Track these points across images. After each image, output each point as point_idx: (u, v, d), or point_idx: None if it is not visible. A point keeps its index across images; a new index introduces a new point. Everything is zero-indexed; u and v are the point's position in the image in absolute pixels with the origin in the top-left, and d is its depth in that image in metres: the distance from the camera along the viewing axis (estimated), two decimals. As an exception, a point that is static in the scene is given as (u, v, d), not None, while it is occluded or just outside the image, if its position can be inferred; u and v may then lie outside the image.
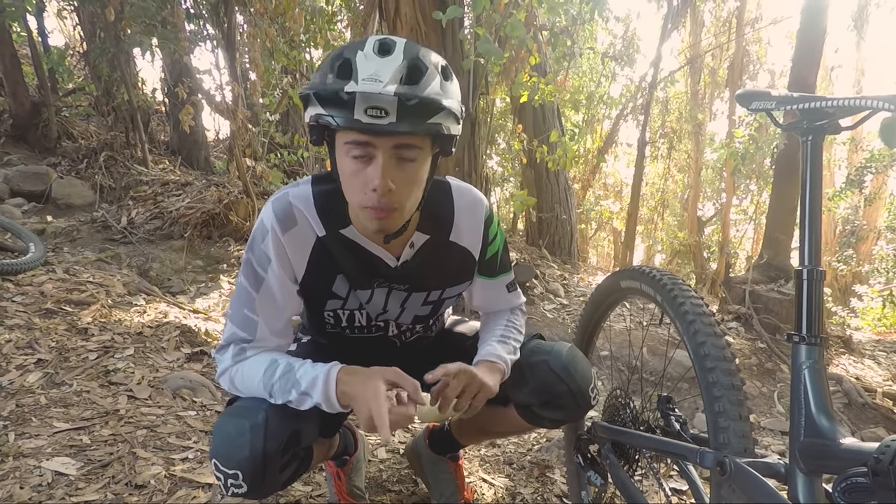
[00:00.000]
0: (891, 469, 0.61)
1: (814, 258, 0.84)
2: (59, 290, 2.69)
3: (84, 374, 1.99)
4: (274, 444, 0.94)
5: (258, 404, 0.98)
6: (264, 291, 1.00)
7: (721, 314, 3.90)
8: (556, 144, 4.74)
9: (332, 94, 0.80)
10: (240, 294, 1.00)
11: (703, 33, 10.47)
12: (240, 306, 1.00)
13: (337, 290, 1.06)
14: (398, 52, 0.83)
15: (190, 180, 5.02)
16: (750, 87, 0.90)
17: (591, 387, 1.17)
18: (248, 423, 0.94)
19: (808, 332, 0.83)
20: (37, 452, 1.49)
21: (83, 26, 5.48)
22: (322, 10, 5.13)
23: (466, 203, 1.08)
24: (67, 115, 5.70)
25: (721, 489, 0.92)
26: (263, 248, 0.98)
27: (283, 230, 0.97)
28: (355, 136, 0.84)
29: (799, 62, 3.94)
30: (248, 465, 0.92)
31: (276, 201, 0.99)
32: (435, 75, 0.85)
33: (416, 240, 1.04)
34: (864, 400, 2.78)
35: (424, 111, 0.82)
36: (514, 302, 1.24)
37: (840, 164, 11.17)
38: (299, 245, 0.99)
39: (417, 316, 1.16)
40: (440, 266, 1.09)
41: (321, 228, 0.99)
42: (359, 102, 0.79)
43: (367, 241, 1.01)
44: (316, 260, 1.01)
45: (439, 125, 0.84)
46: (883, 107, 0.74)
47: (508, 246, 1.24)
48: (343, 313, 1.10)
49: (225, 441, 0.94)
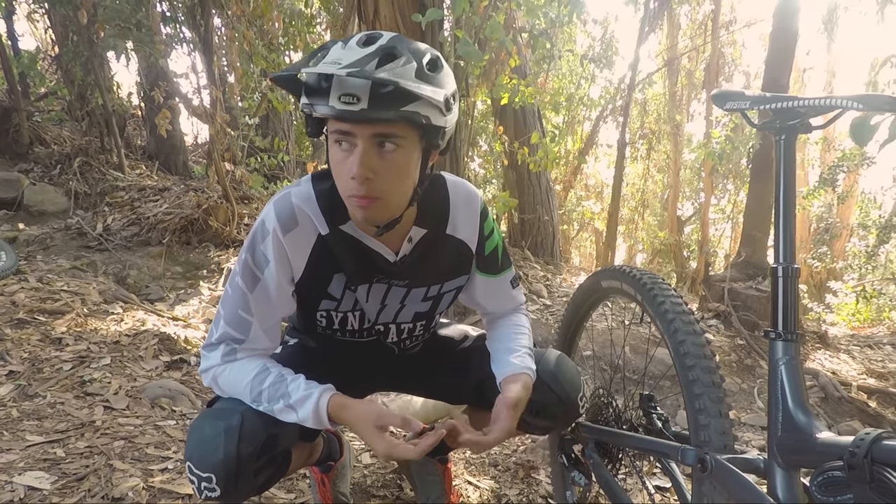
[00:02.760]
0: (865, 463, 0.62)
1: (788, 255, 0.85)
2: (32, 300, 2.62)
3: (58, 385, 1.94)
4: (248, 448, 0.93)
5: (235, 406, 0.97)
6: (260, 292, 0.99)
7: (701, 312, 3.96)
8: (537, 146, 4.77)
9: (316, 81, 0.82)
10: (235, 294, 0.99)
11: (679, 36, 10.63)
12: (234, 306, 0.99)
13: (332, 291, 1.05)
14: (380, 42, 0.83)
15: (168, 185, 4.94)
16: (725, 88, 0.92)
17: (580, 395, 1.17)
18: (223, 425, 0.93)
19: (783, 329, 0.84)
20: (8, 467, 1.44)
21: (55, 29, 5.37)
22: (301, 12, 5.10)
23: (462, 196, 1.08)
24: (40, 120, 5.56)
25: (702, 486, 0.93)
26: (263, 249, 0.97)
27: (285, 231, 0.97)
28: (338, 125, 0.85)
29: (772, 64, 4.02)
30: (222, 468, 0.91)
31: (279, 202, 0.98)
32: (411, 62, 0.83)
33: (414, 234, 1.03)
34: (840, 394, 2.84)
35: (398, 98, 0.80)
36: (518, 300, 1.24)
37: (813, 164, 11.43)
38: (300, 245, 0.99)
39: (418, 313, 1.15)
40: (439, 260, 1.09)
41: (324, 226, 0.99)
42: (333, 89, 0.80)
43: (366, 236, 1.00)
44: (315, 259, 1.00)
45: (415, 113, 0.82)
46: (851, 105, 0.75)
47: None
48: (336, 315, 1.09)
49: (199, 443, 0.93)
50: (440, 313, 1.21)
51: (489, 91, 4.05)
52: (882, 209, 9.04)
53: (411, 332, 1.19)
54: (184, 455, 0.96)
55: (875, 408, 2.77)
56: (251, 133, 5.40)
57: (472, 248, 1.12)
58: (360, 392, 1.37)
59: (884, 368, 3.45)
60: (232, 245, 4.10)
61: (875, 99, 0.75)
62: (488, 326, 1.25)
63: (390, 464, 1.75)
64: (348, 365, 1.19)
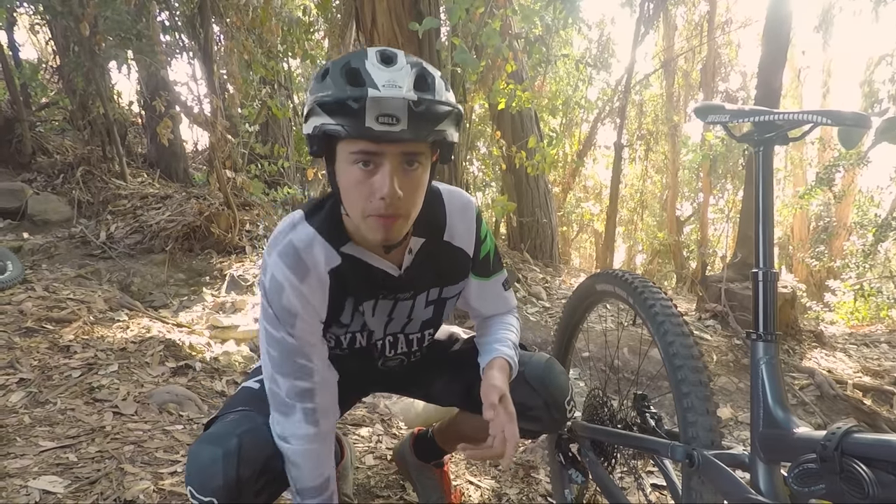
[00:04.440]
0: (836, 455, 0.67)
1: (768, 260, 0.90)
2: (39, 308, 2.66)
3: (68, 391, 1.98)
4: (248, 471, 0.95)
5: (232, 429, 0.99)
6: (300, 340, 0.99)
7: (698, 312, 4.00)
8: (534, 150, 4.82)
9: (342, 103, 0.80)
10: (282, 348, 0.98)
11: (675, 37, 10.69)
12: (287, 357, 0.98)
13: (343, 319, 1.06)
14: (401, 61, 0.84)
15: (170, 193, 4.99)
16: (706, 102, 0.96)
17: (568, 399, 1.18)
18: (221, 450, 0.95)
19: (764, 330, 0.88)
20: (23, 472, 1.48)
21: (56, 40, 5.42)
22: (299, 20, 5.16)
23: (457, 204, 1.10)
24: (42, 130, 5.63)
25: (691, 480, 0.98)
26: (285, 304, 0.96)
27: (301, 279, 0.96)
28: (364, 146, 0.83)
29: (766, 65, 4.07)
30: (223, 493, 0.93)
31: (282, 253, 0.96)
32: (440, 83, 0.87)
33: (413, 245, 1.04)
34: (836, 392, 2.89)
35: (433, 118, 0.83)
36: (510, 303, 1.25)
37: (811, 163, 11.48)
38: (317, 289, 0.98)
39: (425, 321, 1.16)
40: (438, 266, 1.10)
41: (334, 257, 0.98)
42: (369, 110, 0.79)
43: (369, 253, 1.00)
44: (333, 296, 1.01)
45: (444, 132, 0.86)
46: (821, 121, 0.80)
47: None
48: (345, 338, 1.10)
49: (199, 469, 0.95)
50: (445, 320, 1.22)
51: (486, 96, 4.10)
52: (880, 207, 9.09)
53: (420, 343, 1.20)
54: (185, 480, 0.97)
55: (870, 405, 2.81)
56: (251, 140, 5.45)
57: (469, 254, 1.14)
58: (355, 395, 1.41)
59: (879, 366, 3.49)
60: (234, 251, 4.15)
61: (842, 115, 0.80)
62: (478, 329, 1.27)
63: (393, 465, 1.79)
64: (345, 369, 1.22)
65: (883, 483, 0.63)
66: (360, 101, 0.79)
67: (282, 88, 5.73)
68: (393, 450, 1.76)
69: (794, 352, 3.52)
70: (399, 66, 0.83)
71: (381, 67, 0.82)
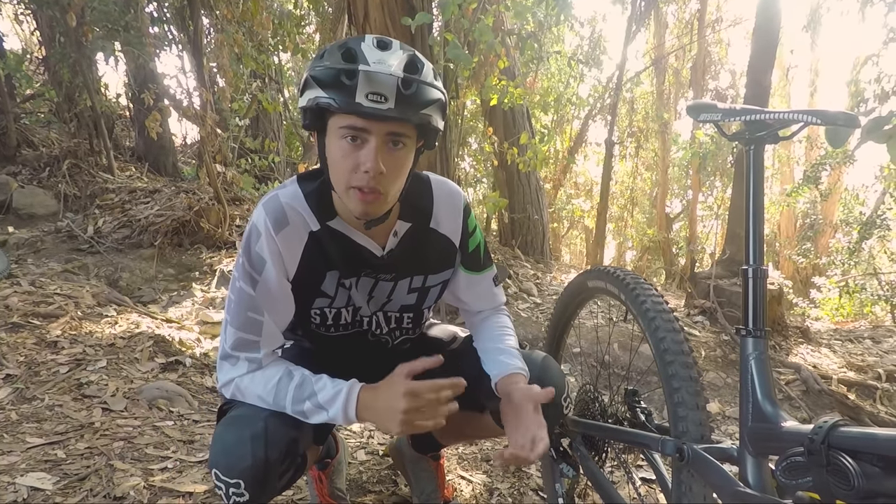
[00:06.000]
0: (822, 448, 0.68)
1: (758, 258, 0.91)
2: (26, 303, 2.63)
3: (56, 387, 1.96)
4: (275, 453, 0.96)
5: (257, 413, 1.00)
6: (262, 291, 1.01)
7: (688, 308, 4.04)
8: (526, 146, 4.83)
9: (335, 76, 0.85)
10: (239, 298, 1.02)
11: (666, 35, 10.75)
12: (241, 309, 1.02)
13: (325, 289, 1.08)
14: (396, 47, 0.90)
15: (158, 187, 4.93)
16: (698, 101, 0.97)
17: (564, 396, 1.20)
18: (249, 432, 0.97)
19: (753, 326, 0.90)
20: (10, 469, 1.47)
21: (41, 30, 5.33)
22: (290, 13, 5.12)
23: (444, 193, 1.13)
24: (27, 123, 5.53)
25: (681, 474, 0.99)
26: (258, 250, 1.00)
27: (277, 230, 1.00)
28: (352, 121, 0.88)
29: (755, 63, 4.11)
30: (250, 473, 0.94)
31: (267, 203, 1.02)
32: (429, 71, 0.92)
33: (398, 228, 1.08)
34: (821, 387, 2.93)
35: (419, 102, 0.89)
36: (499, 298, 1.27)
37: (798, 161, 11.61)
38: (292, 243, 1.02)
39: (405, 305, 1.19)
40: (423, 253, 1.13)
41: (315, 223, 1.03)
42: (360, 87, 0.84)
43: (354, 230, 1.04)
44: (308, 256, 1.04)
45: (430, 116, 0.91)
46: (811, 120, 0.81)
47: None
48: (329, 311, 1.12)
49: (225, 451, 0.96)
50: (427, 308, 1.24)
51: (478, 92, 4.10)
52: (865, 205, 9.22)
53: (399, 323, 1.22)
54: (208, 462, 0.98)
55: (854, 400, 2.86)
56: (241, 134, 5.40)
57: (455, 243, 1.16)
58: None
59: (863, 362, 3.55)
60: (224, 247, 4.12)
61: (832, 115, 0.82)
62: (473, 328, 1.28)
63: (385, 460, 1.80)
64: (344, 365, 1.23)
65: (868, 475, 0.64)
66: (352, 77, 0.84)
67: (272, 82, 5.69)
68: (388, 443, 1.77)
69: (780, 347, 3.56)
70: (393, 51, 0.89)
71: (376, 50, 0.88)
